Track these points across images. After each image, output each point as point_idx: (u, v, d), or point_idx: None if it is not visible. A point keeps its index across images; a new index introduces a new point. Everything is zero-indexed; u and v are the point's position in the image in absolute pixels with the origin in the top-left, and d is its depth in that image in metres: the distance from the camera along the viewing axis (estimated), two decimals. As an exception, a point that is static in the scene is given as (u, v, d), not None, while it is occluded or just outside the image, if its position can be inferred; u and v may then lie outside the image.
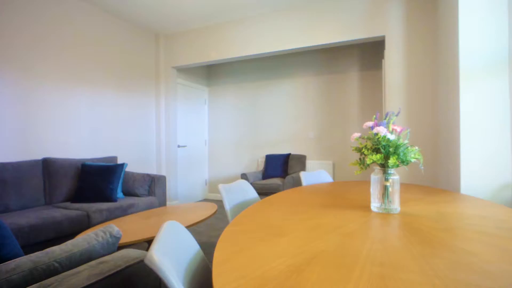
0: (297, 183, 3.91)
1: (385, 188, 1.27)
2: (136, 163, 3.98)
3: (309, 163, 4.48)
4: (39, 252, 0.92)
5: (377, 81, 4.15)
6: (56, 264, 0.90)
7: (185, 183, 4.75)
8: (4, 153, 2.62)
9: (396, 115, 1.27)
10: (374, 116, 1.32)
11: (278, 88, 4.81)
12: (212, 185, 5.32)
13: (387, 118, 1.26)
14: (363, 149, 1.25)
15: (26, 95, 2.78)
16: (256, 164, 4.92)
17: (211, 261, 2.32)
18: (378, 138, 1.19)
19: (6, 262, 0.85)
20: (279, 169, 4.29)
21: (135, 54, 4.01)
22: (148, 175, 3.14)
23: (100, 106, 3.49)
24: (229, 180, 5.16)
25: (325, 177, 2.35)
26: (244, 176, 3.98)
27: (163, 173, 4.29)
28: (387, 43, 3.12)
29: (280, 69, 4.80)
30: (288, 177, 3.75)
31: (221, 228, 3.43)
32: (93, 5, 3.38)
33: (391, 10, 3.09)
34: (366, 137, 1.29)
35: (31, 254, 0.91)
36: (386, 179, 1.26)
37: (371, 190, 1.31)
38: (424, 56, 2.96)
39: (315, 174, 2.30)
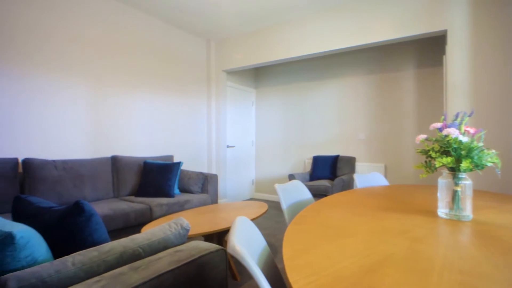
0: (347, 185, 3.81)
1: (454, 193, 1.20)
2: (189, 162, 4.22)
3: (358, 165, 4.33)
4: (125, 238, 1.05)
5: (436, 79, 3.85)
6: (140, 250, 1.01)
7: (233, 182, 4.91)
8: (81, 151, 2.98)
9: (469, 116, 1.19)
10: (443, 117, 1.25)
11: (326, 88, 4.73)
12: (259, 185, 5.41)
13: (458, 119, 1.18)
14: (431, 152, 1.19)
15: (96, 102, 3.13)
16: (303, 165, 4.89)
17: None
18: (449, 140, 1.13)
19: (101, 245, 0.98)
20: (327, 171, 4.21)
21: (189, 59, 4.26)
22: (201, 173, 3.31)
23: (157, 109, 3.78)
24: (275, 180, 5.20)
25: (381, 180, 2.27)
26: (291, 177, 3.99)
27: (213, 172, 4.49)
28: (449, 37, 2.90)
29: (328, 69, 4.71)
30: (338, 179, 3.67)
31: (269, 227, 3.48)
32: (150, 15, 3.67)
33: (453, 1, 2.86)
34: (433, 139, 1.23)
35: (119, 240, 1.03)
36: (456, 184, 1.19)
37: (438, 195, 1.24)
38: (493, 51, 2.68)
39: (369, 177, 2.23)
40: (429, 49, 3.91)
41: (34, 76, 2.64)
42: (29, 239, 0.88)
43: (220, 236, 2.35)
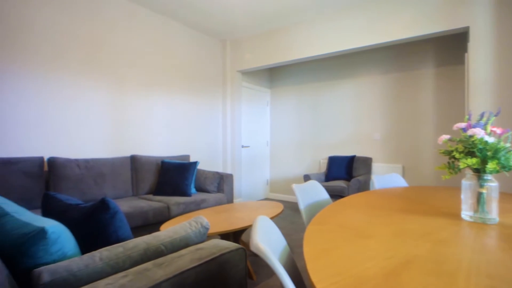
0: (363, 186, 3.75)
1: (479, 195, 1.16)
2: (204, 161, 4.27)
3: (375, 166, 4.26)
4: (148, 235, 1.08)
5: (457, 77, 3.74)
6: (163, 247, 1.04)
7: (248, 182, 4.93)
8: (103, 150, 3.08)
9: (496, 115, 1.15)
10: (467, 116, 1.21)
11: (341, 88, 4.67)
12: (273, 185, 5.41)
13: (483, 119, 1.15)
14: (454, 153, 1.16)
15: (117, 103, 3.22)
16: (318, 165, 4.86)
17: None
18: (474, 140, 1.10)
19: (126, 241, 1.02)
20: (343, 171, 4.17)
21: (205, 60, 4.31)
22: (217, 173, 3.35)
23: (174, 109, 3.85)
24: (290, 180, 5.19)
25: (399, 181, 2.22)
26: (307, 177, 3.96)
27: (228, 171, 4.53)
28: (471, 35, 2.80)
29: (343, 69, 4.65)
30: (354, 180, 3.62)
31: (284, 227, 3.48)
32: (166, 16, 3.73)
33: (476, -3, 2.76)
34: (457, 139, 1.20)
35: (143, 237, 1.06)
36: (481, 186, 1.16)
37: (462, 196, 1.21)
38: (521, 47, 2.58)
39: (388, 178, 2.19)
40: (449, 46, 3.80)
41: (58, 79, 2.75)
42: (60, 234, 0.92)
43: (236, 236, 2.37)
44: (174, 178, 3.09)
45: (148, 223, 2.54)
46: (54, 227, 0.91)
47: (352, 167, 4.20)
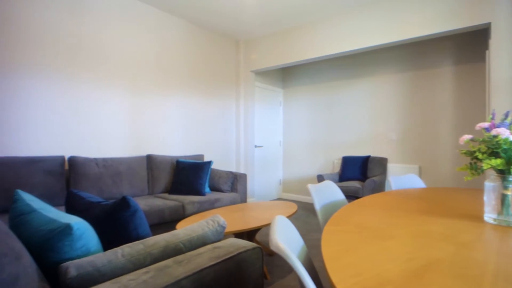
0: (378, 187, 3.69)
1: (504, 197, 1.13)
2: (218, 161, 4.31)
3: (391, 166, 4.18)
4: (167, 233, 1.10)
5: (477, 75, 3.62)
6: (181, 245, 1.06)
7: (261, 181, 4.94)
8: (120, 150, 3.15)
9: (522, 115, 1.11)
10: (490, 116, 1.18)
11: (355, 87, 4.61)
12: (286, 185, 5.39)
13: (508, 118, 1.11)
14: (477, 153, 1.13)
15: (133, 104, 3.29)
16: (332, 165, 4.81)
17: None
18: (498, 141, 1.07)
19: (146, 239, 1.04)
20: (357, 172, 4.11)
21: (219, 60, 4.34)
22: (231, 172, 3.37)
23: (189, 109, 3.90)
24: (303, 180, 5.16)
25: (417, 182, 2.18)
26: (320, 178, 3.93)
27: (241, 171, 4.55)
28: (493, 31, 2.71)
29: (357, 68, 4.59)
30: (369, 181, 3.57)
31: (298, 227, 3.46)
32: (181, 18, 3.78)
33: (499, -8, 2.67)
34: (480, 139, 1.17)
35: (162, 234, 1.09)
36: (506, 188, 1.12)
37: (485, 198, 1.17)
38: (547, 43, 2.48)
39: (405, 178, 2.15)
40: (469, 43, 3.68)
41: (79, 82, 2.83)
42: (84, 230, 0.96)
43: (250, 235, 2.38)
44: (188, 177, 3.13)
45: (164, 221, 2.58)
46: (78, 224, 0.95)
47: (367, 168, 4.14)
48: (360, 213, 1.28)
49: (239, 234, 2.24)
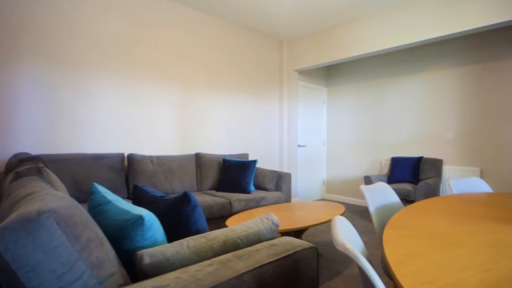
0: (432, 190, 3.44)
1: None
2: (262, 160, 4.36)
3: (446, 168, 3.86)
4: (225, 228, 1.15)
5: (556, 67, 3.18)
6: (239, 240, 1.10)
7: (304, 181, 4.89)
8: (172, 148, 3.35)
9: None
10: None
11: (405, 84, 4.34)
12: (330, 186, 5.27)
13: None
14: None
15: (183, 104, 3.47)
16: (379, 166, 4.59)
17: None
18: None
19: (207, 233, 1.10)
20: (408, 174, 3.87)
21: (262, 60, 4.39)
22: (275, 171, 3.39)
23: (234, 109, 4.00)
24: (348, 181, 5.00)
25: (482, 186, 1.99)
26: (367, 179, 3.78)
27: (284, 170, 4.55)
28: None
29: (408, 63, 4.31)
30: (422, 183, 3.34)
31: (343, 230, 3.36)
32: (223, 20, 3.87)
33: None
34: None
35: (221, 229, 1.14)
36: None
37: None
38: None
39: (468, 182, 1.98)
40: (546, 32, 3.25)
41: (134, 84, 3.07)
42: (153, 222, 1.04)
43: (297, 234, 2.38)
44: (234, 175, 3.22)
45: (213, 217, 2.69)
46: (148, 216, 1.03)
47: (419, 169, 3.88)
48: (421, 217, 1.21)
49: (285, 233, 2.25)
